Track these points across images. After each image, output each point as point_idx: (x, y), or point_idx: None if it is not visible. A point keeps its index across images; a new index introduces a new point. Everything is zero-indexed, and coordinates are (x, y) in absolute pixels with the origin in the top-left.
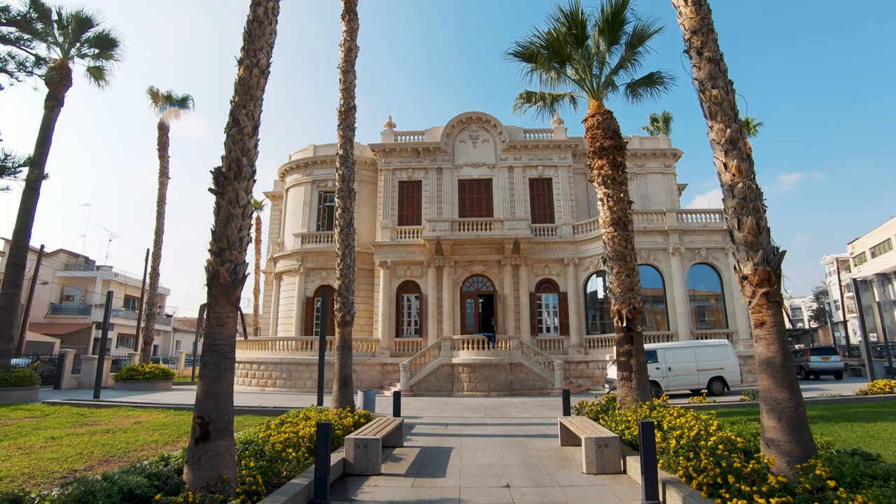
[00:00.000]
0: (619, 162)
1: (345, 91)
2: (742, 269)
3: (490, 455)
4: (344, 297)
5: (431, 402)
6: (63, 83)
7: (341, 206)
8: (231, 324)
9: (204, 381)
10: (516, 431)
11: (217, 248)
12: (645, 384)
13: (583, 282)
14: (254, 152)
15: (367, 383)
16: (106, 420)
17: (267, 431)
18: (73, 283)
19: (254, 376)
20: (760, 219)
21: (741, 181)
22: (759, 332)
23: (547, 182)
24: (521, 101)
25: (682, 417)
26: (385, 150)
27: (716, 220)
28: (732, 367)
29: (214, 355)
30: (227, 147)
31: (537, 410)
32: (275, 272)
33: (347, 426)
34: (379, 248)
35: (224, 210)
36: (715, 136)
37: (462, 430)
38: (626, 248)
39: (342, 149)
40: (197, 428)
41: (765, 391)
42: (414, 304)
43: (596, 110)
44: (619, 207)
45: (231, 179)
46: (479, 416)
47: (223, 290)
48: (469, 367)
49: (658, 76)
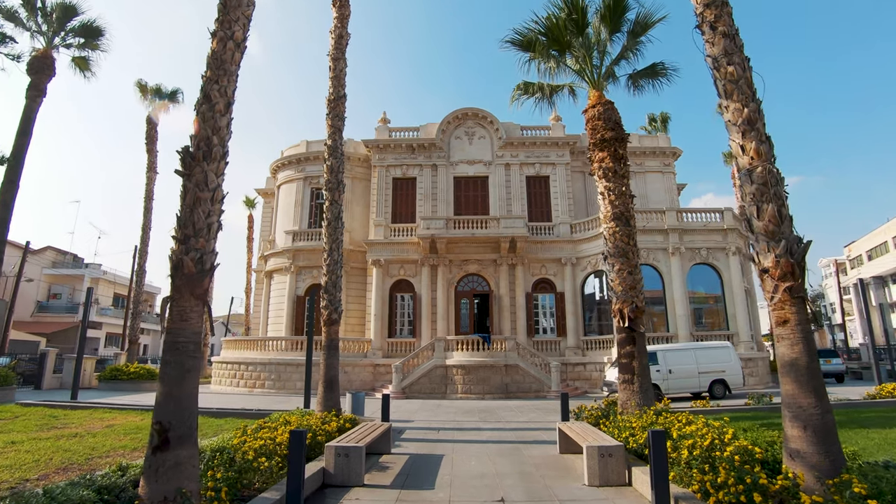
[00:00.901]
0: (621, 154)
1: (335, 79)
2: (762, 261)
3: (484, 463)
4: (331, 295)
5: (424, 404)
6: (46, 73)
7: (329, 199)
8: (196, 319)
9: (164, 383)
10: (512, 437)
11: (182, 235)
12: (648, 387)
13: (580, 282)
14: (226, 132)
15: (358, 385)
16: (77, 423)
17: (242, 437)
18: (60, 280)
19: (242, 377)
20: (782, 206)
21: (760, 165)
22: (782, 331)
23: (544, 180)
24: (518, 93)
25: (693, 425)
26: (379, 146)
27: (716, 219)
28: (734, 369)
29: (176, 354)
30: (196, 125)
31: (533, 414)
32: (265, 270)
33: (331, 431)
34: (372, 246)
35: (191, 193)
36: (731, 117)
37: (455, 435)
38: (628, 244)
39: (331, 139)
40: (155, 435)
41: (788, 397)
42: (407, 304)
43: (597, 100)
44: (621, 202)
45: (199, 160)
46: (472, 420)
47: (188, 281)
48: (463, 368)
49: (661, 67)
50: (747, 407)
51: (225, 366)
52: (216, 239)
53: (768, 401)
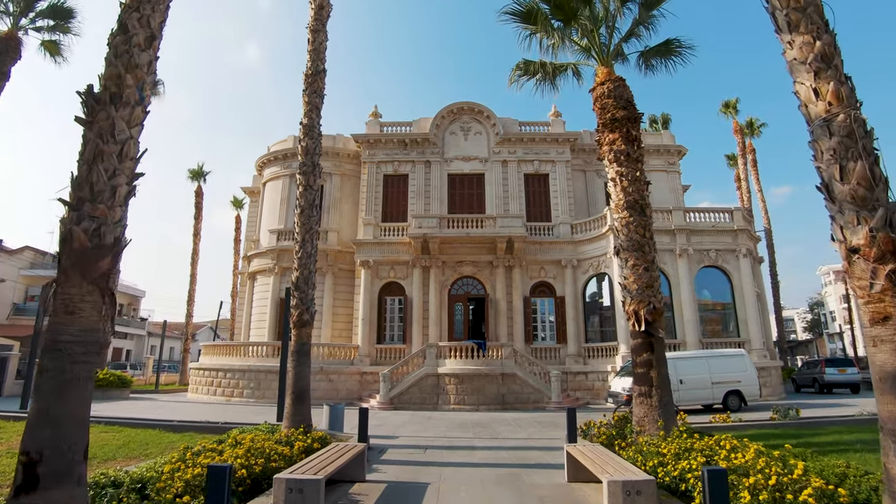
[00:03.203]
0: (634, 136)
1: (313, 52)
2: (849, 237)
3: (476, 496)
4: (302, 292)
5: (413, 417)
6: (11, 55)
7: (303, 184)
8: (89, 312)
9: (38, 398)
10: (510, 458)
11: (75, 199)
12: (668, 402)
13: (582, 285)
14: (146, 71)
15: (344, 394)
16: (7, 438)
17: (177, 463)
18: (39, 282)
19: (220, 385)
20: (875, 164)
21: (842, 111)
22: (882, 332)
23: (543, 178)
24: (518, 73)
25: (741, 452)
26: (369, 141)
27: (725, 219)
28: (750, 379)
29: (57, 358)
30: (106, 62)
31: (533, 429)
32: (248, 272)
33: (293, 455)
34: (360, 246)
35: (91, 145)
36: (798, 54)
37: (444, 455)
38: (643, 236)
39: (307, 117)
40: (20, 471)
41: (892, 420)
42: (397, 308)
43: (606, 77)
44: (635, 188)
45: (106, 104)
46: (465, 437)
47: (78, 259)
48: (456, 377)
49: (676, 44)
50: (774, 422)
51: (202, 373)
52: (125, 208)
53: (796, 415)
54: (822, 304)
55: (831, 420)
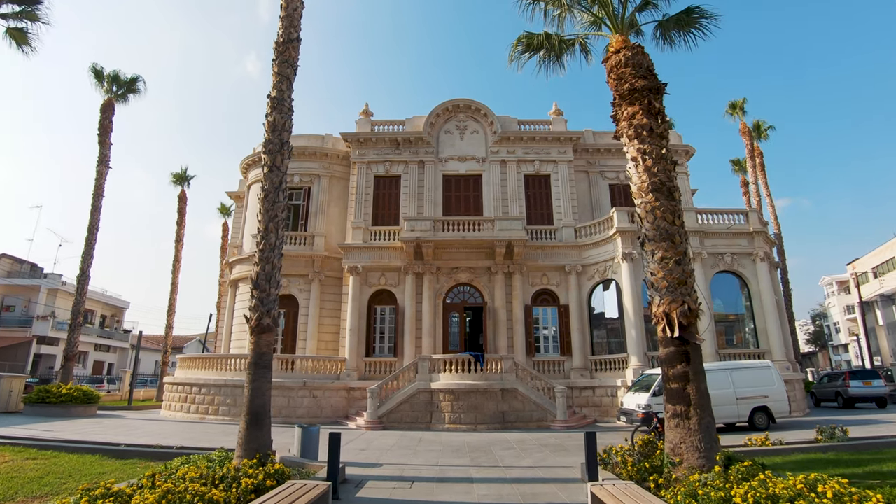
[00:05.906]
0: (658, 108)
1: (286, 18)
2: None
3: None
4: (263, 291)
5: (402, 438)
6: None
7: (268, 164)
8: None
9: None
10: (516, 497)
11: None
12: (710, 425)
13: (587, 293)
14: None
15: (329, 412)
16: None
17: None
18: (14, 291)
19: (194, 401)
20: None
21: None
22: None
23: (544, 179)
24: (519, 49)
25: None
26: (360, 139)
27: (740, 221)
28: (778, 394)
29: None
30: None
31: (540, 454)
32: (230, 279)
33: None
34: (349, 251)
35: None
36: None
37: (434, 491)
38: (673, 223)
39: (275, 89)
40: None
41: None
42: (388, 318)
43: (621, 45)
44: (661, 167)
45: None
46: (461, 465)
47: None
48: (452, 393)
49: (699, 13)
50: (821, 445)
51: (176, 388)
52: None
53: (844, 435)
54: (825, 315)
55: (888, 442)
